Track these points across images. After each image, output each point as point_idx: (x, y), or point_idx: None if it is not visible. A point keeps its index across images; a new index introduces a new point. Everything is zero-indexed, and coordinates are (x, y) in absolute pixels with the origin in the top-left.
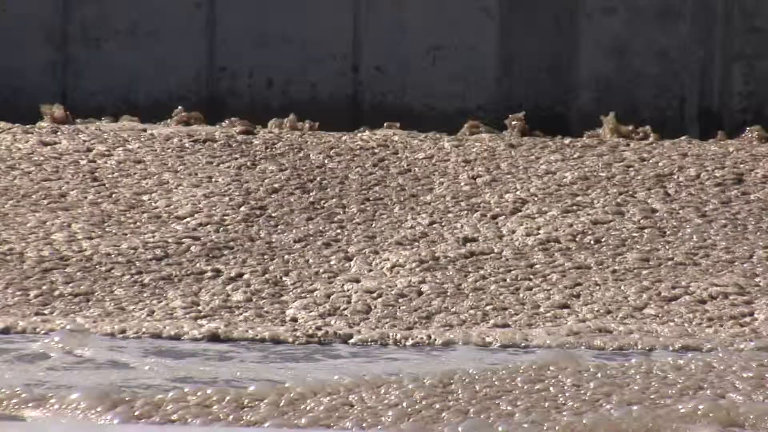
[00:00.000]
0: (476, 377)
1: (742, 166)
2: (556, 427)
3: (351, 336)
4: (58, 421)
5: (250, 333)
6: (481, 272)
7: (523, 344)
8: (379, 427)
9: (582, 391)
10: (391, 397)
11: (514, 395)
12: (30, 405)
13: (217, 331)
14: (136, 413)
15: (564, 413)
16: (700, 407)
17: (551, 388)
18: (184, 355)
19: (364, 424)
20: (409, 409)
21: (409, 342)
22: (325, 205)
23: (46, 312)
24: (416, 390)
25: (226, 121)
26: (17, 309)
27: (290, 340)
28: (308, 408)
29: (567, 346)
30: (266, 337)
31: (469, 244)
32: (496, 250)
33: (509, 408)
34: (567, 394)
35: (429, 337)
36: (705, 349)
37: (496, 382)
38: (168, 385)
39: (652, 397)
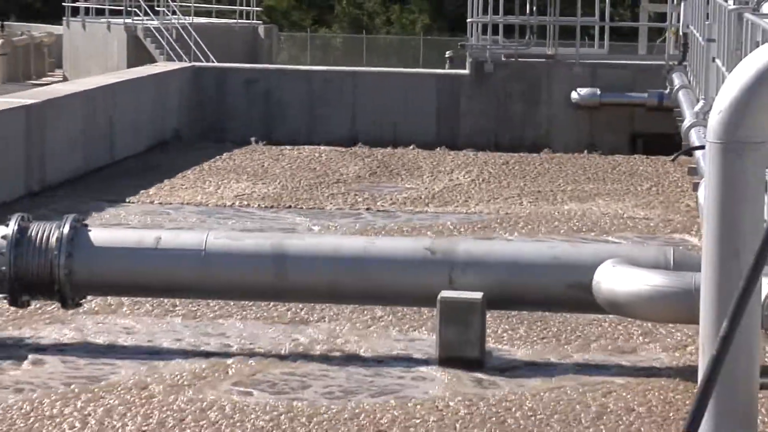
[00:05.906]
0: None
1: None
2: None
3: (400, 213)
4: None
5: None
6: (447, 192)
7: (466, 211)
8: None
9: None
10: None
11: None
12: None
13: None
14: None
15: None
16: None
17: (487, 227)
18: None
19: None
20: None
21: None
22: (394, 170)
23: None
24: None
25: (355, 146)
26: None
27: (371, 209)
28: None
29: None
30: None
31: (447, 183)
32: (453, 185)
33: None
34: (491, 226)
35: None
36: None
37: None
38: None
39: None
